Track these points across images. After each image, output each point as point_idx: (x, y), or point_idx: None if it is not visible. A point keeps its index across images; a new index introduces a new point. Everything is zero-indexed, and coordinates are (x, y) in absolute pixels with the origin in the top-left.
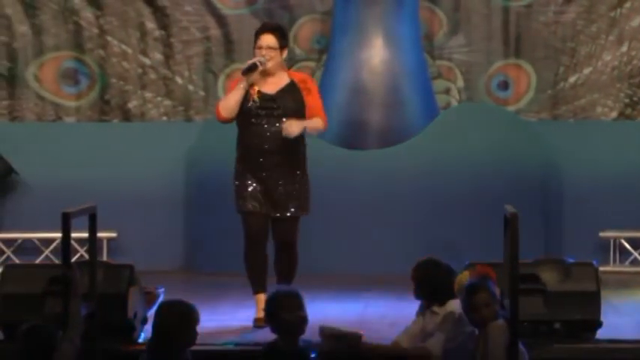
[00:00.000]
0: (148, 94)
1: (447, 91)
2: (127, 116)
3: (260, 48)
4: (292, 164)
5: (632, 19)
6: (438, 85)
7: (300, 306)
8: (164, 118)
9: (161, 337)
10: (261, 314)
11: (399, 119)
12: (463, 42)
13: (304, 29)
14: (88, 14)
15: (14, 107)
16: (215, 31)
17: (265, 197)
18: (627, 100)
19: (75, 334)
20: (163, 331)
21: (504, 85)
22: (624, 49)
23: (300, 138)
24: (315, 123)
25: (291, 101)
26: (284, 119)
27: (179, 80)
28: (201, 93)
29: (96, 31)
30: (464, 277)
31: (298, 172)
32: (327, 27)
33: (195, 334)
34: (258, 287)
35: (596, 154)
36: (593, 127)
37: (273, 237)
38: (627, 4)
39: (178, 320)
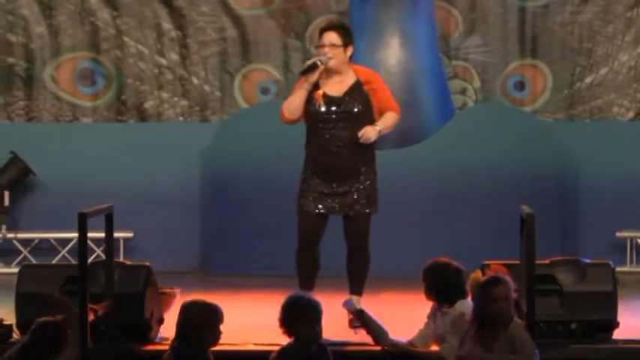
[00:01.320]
0: (164, 95)
1: (463, 92)
2: (143, 116)
3: (322, 46)
4: (361, 165)
5: None
6: (454, 85)
7: (316, 320)
8: (180, 118)
9: (186, 337)
10: None
11: (415, 119)
12: (479, 42)
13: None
14: (104, 15)
15: (31, 108)
16: (231, 32)
17: (330, 198)
18: None
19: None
20: (188, 330)
21: (520, 86)
22: None
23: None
24: (389, 120)
25: (357, 104)
26: (352, 121)
27: (195, 81)
28: (218, 93)
29: (112, 31)
30: (478, 275)
31: (366, 171)
32: None
33: (218, 333)
34: (305, 286)
35: (612, 155)
36: (609, 128)
37: (345, 236)
38: None
39: (203, 319)
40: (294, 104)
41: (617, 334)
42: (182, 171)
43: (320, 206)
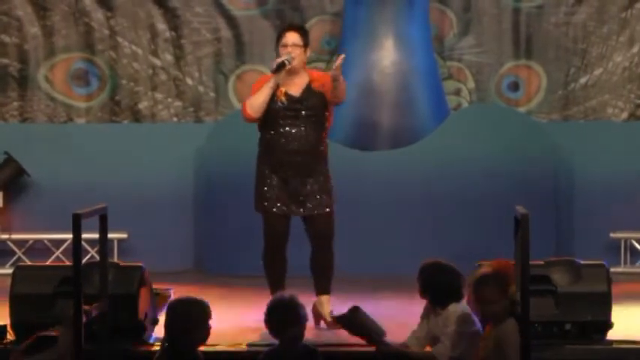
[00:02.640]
0: (159, 95)
1: (458, 92)
2: (137, 117)
3: (285, 46)
4: (316, 162)
5: None
6: (449, 86)
7: (300, 319)
8: (174, 119)
9: (174, 335)
10: None
11: (409, 120)
12: (474, 43)
13: (315, 30)
14: (98, 15)
15: (25, 109)
16: (225, 33)
17: (292, 197)
18: (638, 101)
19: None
20: (176, 329)
21: (515, 86)
22: (635, 50)
23: (321, 137)
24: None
25: (315, 102)
26: (310, 120)
27: (189, 81)
28: (212, 94)
29: (106, 32)
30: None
31: (322, 170)
32: (338, 28)
33: (207, 328)
34: (276, 288)
35: (606, 155)
36: (603, 128)
37: (309, 235)
38: (638, 5)
39: (190, 317)
40: (258, 101)
41: (612, 335)
42: (176, 172)
43: (284, 207)
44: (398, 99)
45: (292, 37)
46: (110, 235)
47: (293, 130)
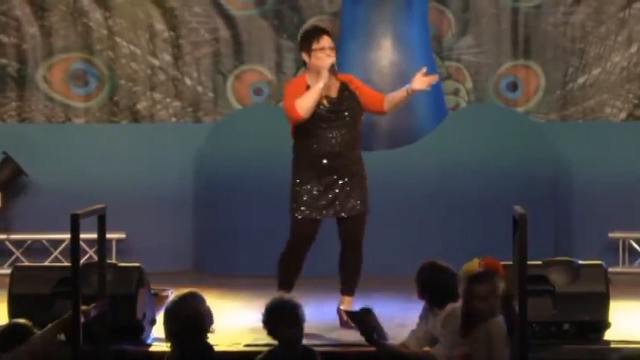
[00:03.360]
0: (157, 96)
1: (456, 92)
2: (135, 117)
3: (323, 49)
4: (354, 165)
5: None
6: (447, 86)
7: (298, 321)
8: (173, 119)
9: (179, 333)
10: None
11: (408, 120)
12: (472, 43)
13: None
14: (97, 16)
15: (23, 109)
16: (224, 33)
17: (329, 199)
18: (636, 101)
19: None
20: (179, 327)
21: (513, 86)
22: (633, 49)
23: (358, 139)
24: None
25: (353, 103)
26: (350, 121)
27: (188, 81)
28: (210, 94)
29: (105, 32)
30: (473, 265)
31: (359, 172)
32: (336, 28)
33: (205, 312)
34: (286, 285)
35: (605, 155)
36: (602, 128)
37: (341, 236)
38: (636, 5)
39: (191, 312)
40: (309, 102)
41: (610, 335)
42: (175, 172)
43: (317, 211)
44: None
45: (328, 41)
46: (108, 236)
47: (334, 133)
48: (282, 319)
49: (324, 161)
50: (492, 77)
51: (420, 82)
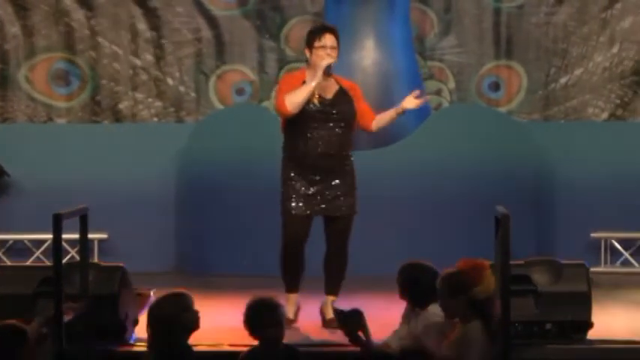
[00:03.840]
0: (139, 96)
1: (439, 92)
2: (118, 117)
3: (324, 47)
4: (343, 165)
5: (623, 20)
6: (430, 86)
7: (279, 320)
8: (155, 119)
9: (161, 332)
10: (289, 315)
11: None
12: (454, 43)
13: (295, 30)
14: (79, 15)
15: (5, 109)
16: (206, 33)
17: (318, 198)
18: (618, 101)
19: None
20: (160, 325)
21: (495, 86)
22: (615, 50)
23: (350, 140)
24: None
25: (346, 107)
26: (341, 124)
27: (170, 81)
28: (193, 94)
29: (87, 32)
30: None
31: (349, 172)
32: None
33: (192, 316)
34: (292, 287)
35: (587, 155)
36: (584, 128)
37: (327, 235)
38: (618, 5)
39: (171, 309)
40: (299, 98)
41: (592, 335)
42: (157, 172)
43: (307, 208)
44: (379, 99)
45: (331, 40)
46: (91, 236)
47: (323, 133)
48: (262, 319)
49: (314, 161)
50: (475, 77)
51: (411, 102)
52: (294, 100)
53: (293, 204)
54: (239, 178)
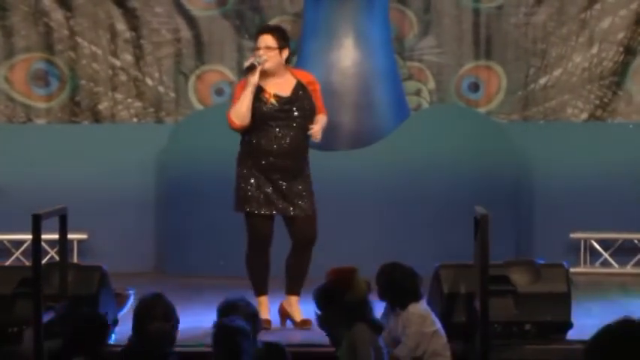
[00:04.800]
0: (119, 96)
1: (418, 93)
2: (97, 118)
3: (258, 49)
4: (302, 165)
5: (602, 21)
6: (409, 86)
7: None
8: (134, 119)
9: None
10: (264, 316)
11: (369, 121)
12: (434, 43)
13: None
14: (58, 16)
15: None
16: (185, 33)
17: (278, 198)
18: (597, 102)
19: None
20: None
21: (475, 87)
22: (594, 50)
23: (307, 139)
24: (324, 122)
25: (306, 103)
26: (301, 121)
27: (149, 82)
28: (172, 95)
29: (66, 32)
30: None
31: (306, 172)
32: (298, 28)
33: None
34: (260, 290)
35: (566, 156)
36: (563, 129)
37: (292, 236)
38: (597, 6)
39: (157, 312)
40: (243, 109)
41: (571, 335)
42: (137, 172)
43: (268, 209)
44: (358, 99)
45: (265, 40)
46: (70, 236)
47: (283, 132)
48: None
49: (271, 159)
50: (454, 78)
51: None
52: (237, 112)
53: (252, 203)
54: (218, 178)
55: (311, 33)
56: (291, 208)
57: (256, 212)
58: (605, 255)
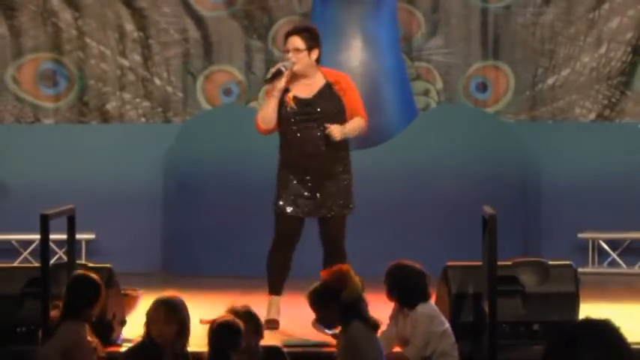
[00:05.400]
0: (127, 96)
1: (426, 93)
2: (105, 118)
3: (287, 51)
4: (335, 165)
5: (611, 21)
6: (417, 86)
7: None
8: (142, 119)
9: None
10: (273, 316)
11: (378, 121)
12: (442, 43)
13: (283, 31)
14: (66, 16)
15: None
16: (193, 33)
17: (308, 200)
18: (605, 102)
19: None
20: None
21: (483, 87)
22: (602, 50)
23: (342, 140)
24: (356, 123)
25: (329, 104)
26: (325, 122)
27: (157, 82)
28: (180, 94)
29: (74, 32)
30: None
31: (342, 172)
32: None
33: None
34: (274, 290)
35: (574, 156)
36: (571, 129)
37: (322, 238)
38: (605, 6)
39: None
40: (268, 113)
41: None
42: (144, 172)
43: (298, 209)
44: (366, 100)
45: (293, 42)
46: (78, 236)
47: (307, 133)
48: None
49: (301, 161)
50: (462, 78)
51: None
52: (263, 117)
53: (282, 203)
54: (226, 178)
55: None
56: (324, 211)
57: (283, 212)
58: (613, 255)
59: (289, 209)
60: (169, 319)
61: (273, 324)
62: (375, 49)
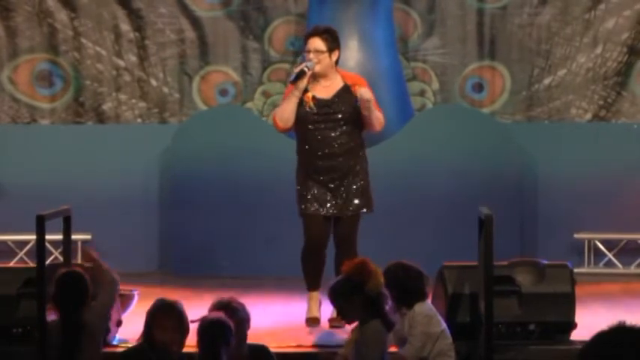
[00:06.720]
0: (123, 96)
1: (422, 93)
2: (101, 118)
3: (308, 52)
4: (353, 165)
5: (607, 21)
6: (413, 87)
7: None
8: (139, 120)
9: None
10: (314, 314)
11: None
12: (438, 44)
13: (279, 31)
14: (62, 16)
15: None
16: (190, 33)
17: (328, 199)
18: (601, 102)
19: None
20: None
21: (479, 87)
22: (598, 50)
23: (359, 139)
24: (377, 112)
25: (347, 105)
26: (342, 124)
27: (154, 82)
28: (176, 95)
29: (70, 33)
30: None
31: (359, 172)
32: (302, 29)
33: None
34: (313, 285)
35: (570, 156)
36: (567, 129)
37: (335, 236)
38: (601, 6)
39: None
40: (286, 112)
41: (575, 335)
42: (141, 173)
43: (322, 209)
44: None
45: (314, 43)
46: (74, 237)
47: (324, 134)
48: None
49: (318, 162)
50: (458, 78)
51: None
52: (282, 115)
53: (307, 204)
54: (222, 179)
55: None
56: (351, 209)
57: (309, 212)
58: (609, 255)
59: (314, 210)
60: (177, 326)
61: (313, 322)
62: (371, 50)
